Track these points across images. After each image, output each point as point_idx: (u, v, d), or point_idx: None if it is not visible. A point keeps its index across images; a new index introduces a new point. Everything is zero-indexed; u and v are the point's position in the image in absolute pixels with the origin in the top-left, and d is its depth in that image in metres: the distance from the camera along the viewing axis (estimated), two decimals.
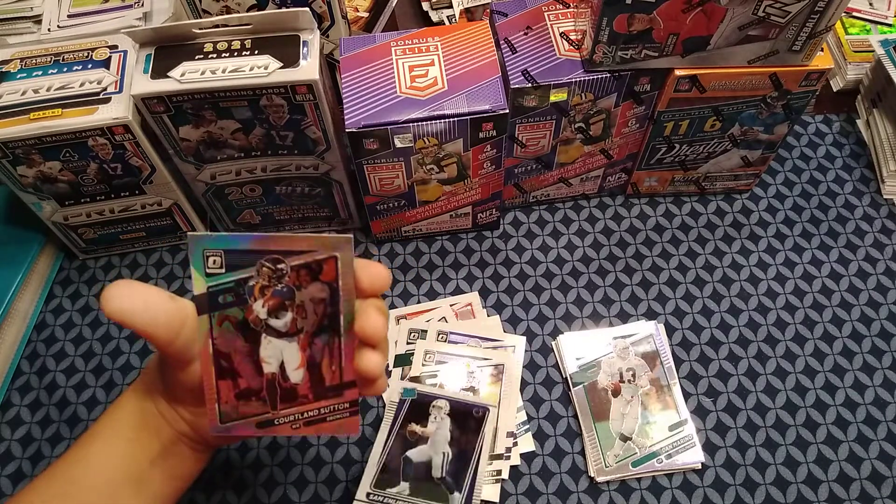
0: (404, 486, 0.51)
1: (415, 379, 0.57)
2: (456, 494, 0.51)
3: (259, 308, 0.37)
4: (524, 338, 0.59)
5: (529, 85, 0.53)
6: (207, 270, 0.36)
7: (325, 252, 0.36)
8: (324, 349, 0.37)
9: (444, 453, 0.52)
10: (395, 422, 0.53)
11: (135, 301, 0.34)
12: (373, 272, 0.36)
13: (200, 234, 0.35)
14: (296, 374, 0.38)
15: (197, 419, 0.39)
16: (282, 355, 0.38)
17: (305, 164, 0.57)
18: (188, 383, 0.37)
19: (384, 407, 0.56)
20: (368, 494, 0.51)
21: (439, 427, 0.53)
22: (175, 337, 0.35)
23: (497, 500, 0.52)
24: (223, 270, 0.36)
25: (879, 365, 0.58)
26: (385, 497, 0.51)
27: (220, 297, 0.36)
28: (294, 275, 0.36)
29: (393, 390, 0.55)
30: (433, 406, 0.54)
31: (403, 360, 0.58)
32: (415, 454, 0.52)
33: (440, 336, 0.59)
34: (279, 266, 0.36)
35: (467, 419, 0.53)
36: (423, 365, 0.57)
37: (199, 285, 0.36)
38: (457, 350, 0.58)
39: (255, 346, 0.37)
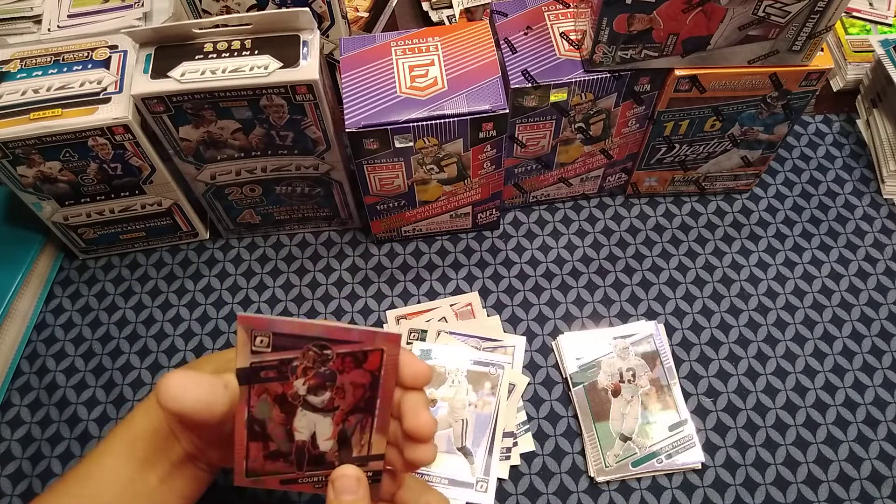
0: None
1: None
2: (476, 463, 0.53)
3: (299, 385, 0.38)
4: (524, 337, 0.59)
5: (529, 85, 0.53)
6: (254, 348, 0.36)
7: (373, 346, 0.37)
8: (356, 426, 0.39)
9: (463, 420, 0.54)
10: None
11: (197, 398, 0.34)
12: (416, 370, 0.37)
13: (251, 317, 0.35)
14: (326, 444, 0.39)
15: (210, 449, 0.39)
16: (314, 427, 0.39)
17: (305, 164, 0.57)
18: (216, 434, 0.38)
19: None
20: None
21: (457, 392, 0.54)
22: (221, 418, 0.36)
23: (506, 476, 0.53)
24: (269, 350, 0.36)
25: (879, 365, 0.58)
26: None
27: (262, 373, 0.37)
28: (339, 361, 0.37)
29: None
30: (449, 370, 0.55)
31: None
32: None
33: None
34: (325, 352, 0.37)
35: (482, 380, 0.55)
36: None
37: (242, 360, 0.36)
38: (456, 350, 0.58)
39: (290, 416, 0.38)
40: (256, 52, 0.50)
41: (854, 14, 0.74)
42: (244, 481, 0.38)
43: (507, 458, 0.54)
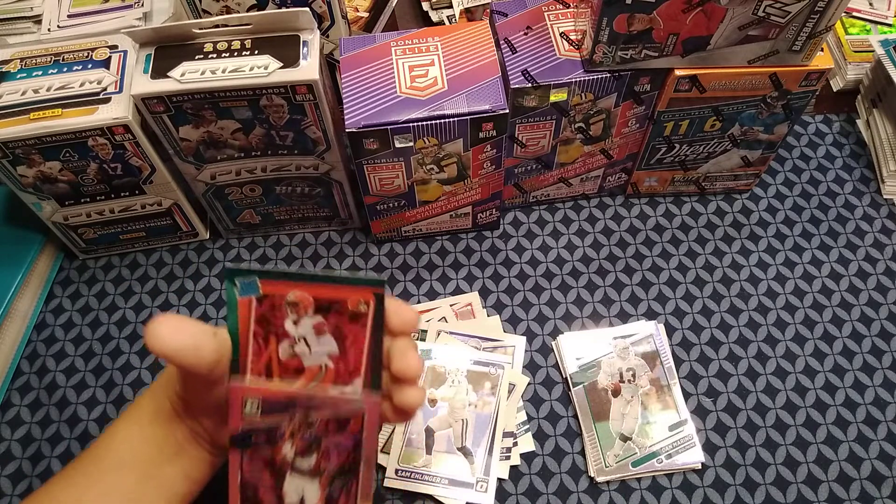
0: (428, 460, 0.53)
1: None
2: (476, 464, 0.53)
3: (287, 449, 0.39)
4: (524, 338, 0.59)
5: (529, 85, 0.53)
6: (244, 413, 0.38)
7: (352, 408, 0.39)
8: (341, 490, 0.40)
9: (463, 420, 0.54)
10: None
11: (182, 339, 0.33)
12: (403, 314, 0.37)
13: (244, 388, 0.37)
14: None
15: (213, 427, 0.40)
16: (303, 492, 0.40)
17: (305, 164, 0.57)
18: (211, 401, 0.37)
19: None
20: (397, 471, 0.53)
21: (457, 392, 0.54)
22: (214, 368, 0.35)
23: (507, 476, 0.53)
24: (258, 413, 0.38)
25: (879, 365, 0.58)
26: (412, 472, 0.53)
27: (252, 437, 0.39)
28: (323, 425, 0.39)
29: None
30: (449, 370, 0.56)
31: None
32: (435, 423, 0.54)
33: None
34: (310, 420, 0.39)
35: (482, 380, 0.56)
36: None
37: (234, 423, 0.37)
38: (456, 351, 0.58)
39: (280, 480, 0.39)
40: (256, 52, 0.50)
41: (854, 14, 0.74)
42: None
43: (507, 458, 0.54)
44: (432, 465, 0.53)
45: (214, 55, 0.50)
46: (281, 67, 0.49)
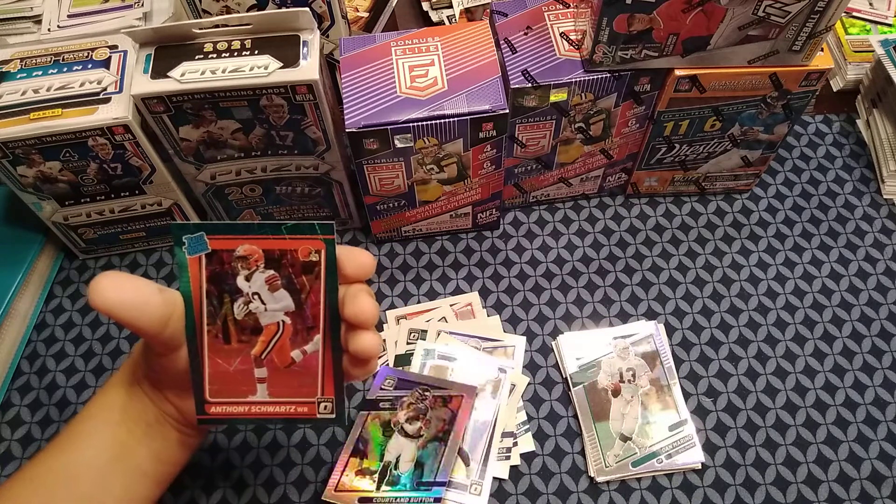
0: None
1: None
2: (472, 465, 0.53)
3: (401, 415, 0.53)
4: (524, 338, 0.59)
5: (529, 85, 0.53)
6: (382, 388, 0.54)
7: (457, 392, 0.53)
8: (432, 453, 0.51)
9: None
10: None
11: (124, 294, 0.33)
12: (357, 259, 0.36)
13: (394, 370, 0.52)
14: (404, 466, 0.50)
15: (181, 402, 0.39)
16: (401, 450, 0.52)
17: (305, 164, 0.57)
18: (172, 369, 0.37)
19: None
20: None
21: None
22: (163, 328, 0.34)
23: (507, 476, 0.53)
24: (392, 388, 0.54)
25: (879, 365, 0.58)
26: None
27: (381, 404, 0.53)
28: (432, 399, 0.53)
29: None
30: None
31: (403, 360, 0.58)
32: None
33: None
34: (426, 393, 0.53)
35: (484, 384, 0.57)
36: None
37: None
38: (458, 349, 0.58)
39: (387, 439, 0.52)
40: (256, 52, 0.50)
41: (854, 14, 0.74)
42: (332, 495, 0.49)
43: (507, 458, 0.54)
44: None
45: (214, 55, 0.50)
46: (281, 67, 0.49)
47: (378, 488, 0.50)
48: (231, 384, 0.36)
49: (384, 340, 0.59)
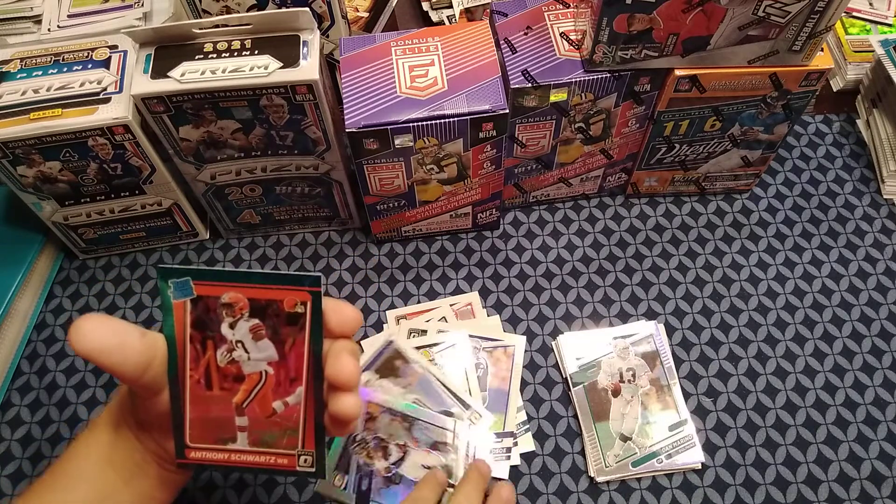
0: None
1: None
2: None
3: (379, 465, 0.51)
4: (524, 337, 0.59)
5: (529, 85, 0.53)
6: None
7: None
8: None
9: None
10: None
11: (107, 339, 0.32)
12: (343, 313, 0.35)
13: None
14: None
15: (166, 442, 0.38)
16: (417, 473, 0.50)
17: (305, 164, 0.57)
18: (155, 411, 0.36)
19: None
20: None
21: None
22: (143, 373, 0.34)
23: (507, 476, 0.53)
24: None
25: (879, 365, 0.58)
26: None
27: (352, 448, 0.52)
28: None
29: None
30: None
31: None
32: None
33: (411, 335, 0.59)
34: (374, 440, 0.52)
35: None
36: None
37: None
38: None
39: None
40: (256, 52, 0.50)
41: (854, 14, 0.74)
42: None
43: (508, 458, 0.54)
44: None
45: (214, 55, 0.50)
46: (281, 67, 0.49)
47: None
48: (212, 430, 0.35)
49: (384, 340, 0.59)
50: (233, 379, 0.35)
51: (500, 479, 0.52)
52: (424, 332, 0.59)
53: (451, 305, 0.61)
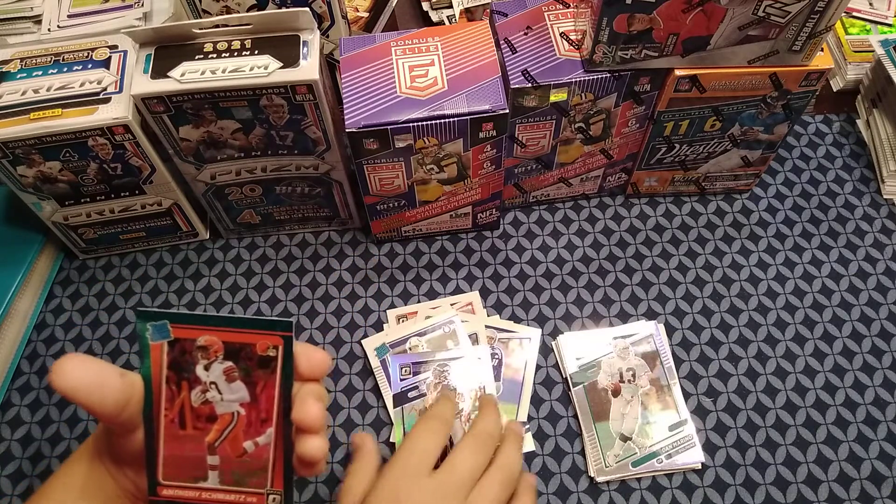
0: None
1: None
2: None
3: (433, 397, 0.54)
4: (539, 330, 0.59)
5: (529, 85, 0.53)
6: (402, 379, 0.55)
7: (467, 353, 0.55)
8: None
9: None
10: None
11: (87, 379, 0.33)
12: (312, 357, 0.36)
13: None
14: None
15: (139, 479, 0.38)
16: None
17: (305, 164, 0.57)
18: (129, 448, 0.37)
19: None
20: None
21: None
22: (120, 412, 0.34)
23: None
24: (412, 376, 0.56)
25: (879, 365, 0.58)
26: None
27: (409, 395, 0.55)
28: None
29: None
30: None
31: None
32: None
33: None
34: (445, 368, 0.55)
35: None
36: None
37: None
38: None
39: None
40: (256, 52, 0.50)
41: (854, 14, 0.74)
42: None
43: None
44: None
45: (214, 55, 0.50)
46: (281, 67, 0.49)
47: None
48: (184, 468, 0.36)
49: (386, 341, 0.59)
50: (206, 419, 0.36)
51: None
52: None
53: (451, 305, 0.61)
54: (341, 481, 0.46)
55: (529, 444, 0.55)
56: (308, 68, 0.49)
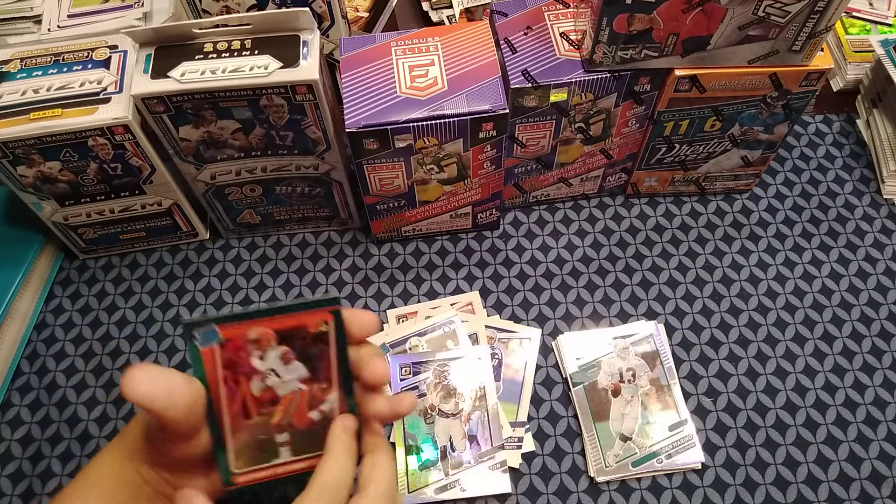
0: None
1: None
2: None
3: (433, 398, 0.55)
4: (539, 330, 0.59)
5: (529, 85, 0.53)
6: (402, 379, 0.56)
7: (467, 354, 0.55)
8: (478, 423, 0.54)
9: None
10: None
11: (158, 387, 0.34)
12: (363, 320, 0.38)
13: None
14: (461, 444, 0.53)
15: (179, 481, 0.38)
16: (449, 430, 0.54)
17: (305, 164, 0.57)
18: (190, 453, 0.37)
19: None
20: None
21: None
22: (189, 416, 0.35)
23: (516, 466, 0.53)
24: (412, 376, 0.56)
25: (879, 365, 0.58)
26: None
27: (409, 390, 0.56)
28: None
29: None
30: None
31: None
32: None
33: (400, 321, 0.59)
34: (445, 368, 0.55)
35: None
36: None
37: None
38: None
39: (432, 426, 0.54)
40: (256, 52, 0.50)
41: (854, 14, 0.74)
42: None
43: (519, 447, 0.54)
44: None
45: (214, 55, 0.50)
46: (281, 67, 0.49)
47: (447, 474, 0.52)
48: (255, 452, 0.37)
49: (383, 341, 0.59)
50: (269, 403, 0.37)
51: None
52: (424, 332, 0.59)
53: (451, 305, 0.61)
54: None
55: (529, 444, 0.55)
56: (308, 68, 0.49)
